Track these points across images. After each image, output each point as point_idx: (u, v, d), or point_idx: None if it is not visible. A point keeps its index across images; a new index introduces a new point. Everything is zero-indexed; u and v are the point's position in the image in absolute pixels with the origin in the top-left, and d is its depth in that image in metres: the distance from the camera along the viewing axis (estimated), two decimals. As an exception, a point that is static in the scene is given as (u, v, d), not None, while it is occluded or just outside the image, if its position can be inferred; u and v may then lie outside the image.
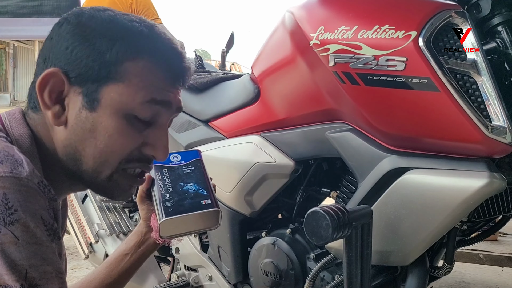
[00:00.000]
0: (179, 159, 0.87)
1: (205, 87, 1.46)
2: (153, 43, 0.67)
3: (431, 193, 0.92)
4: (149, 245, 0.95)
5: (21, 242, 0.52)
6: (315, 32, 1.02)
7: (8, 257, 0.51)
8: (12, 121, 0.66)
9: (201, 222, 0.80)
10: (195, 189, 0.81)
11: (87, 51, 0.64)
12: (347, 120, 1.06)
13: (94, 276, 0.94)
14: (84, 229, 1.58)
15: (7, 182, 0.53)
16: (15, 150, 0.58)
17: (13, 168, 0.54)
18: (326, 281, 1.14)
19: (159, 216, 0.77)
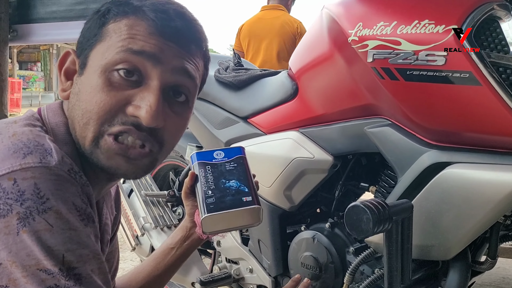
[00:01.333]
0: (222, 156, 0.87)
1: (243, 84, 1.49)
2: (144, 5, 0.66)
3: (473, 188, 0.92)
4: (193, 240, 0.97)
5: (55, 229, 0.54)
6: (353, 28, 1.03)
7: (44, 244, 0.52)
8: (50, 111, 0.69)
9: (242, 218, 0.80)
10: (237, 186, 0.82)
11: (88, 24, 0.68)
12: (386, 115, 1.07)
13: (142, 268, 0.98)
14: (131, 222, 1.65)
15: (37, 172, 0.54)
16: (46, 139, 0.59)
17: (42, 157, 0.56)
18: (366, 274, 1.15)
19: (201, 213, 0.78)
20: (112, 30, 0.65)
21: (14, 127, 0.60)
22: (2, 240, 0.52)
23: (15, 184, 0.53)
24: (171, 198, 1.68)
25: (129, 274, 0.99)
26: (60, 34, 1.32)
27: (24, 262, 0.52)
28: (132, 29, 0.64)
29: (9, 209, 0.52)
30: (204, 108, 1.56)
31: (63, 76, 0.70)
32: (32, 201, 0.53)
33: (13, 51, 14.22)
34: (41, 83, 16.69)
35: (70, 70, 0.70)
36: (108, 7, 0.67)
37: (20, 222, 0.52)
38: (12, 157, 0.55)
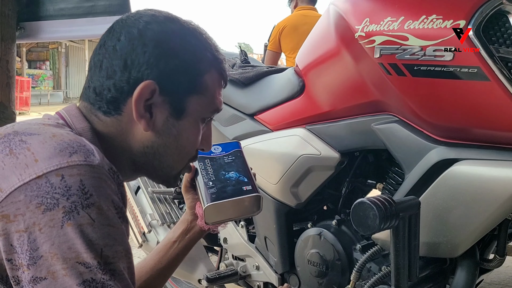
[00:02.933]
0: (220, 150, 0.92)
1: (250, 81, 1.49)
2: (214, 55, 0.75)
3: (481, 184, 0.91)
4: (195, 232, 1.00)
5: (96, 224, 0.56)
6: (360, 24, 1.02)
7: (86, 237, 0.55)
8: (72, 117, 0.72)
9: (243, 207, 0.83)
10: (236, 177, 0.85)
11: (178, 66, 0.71)
12: (393, 112, 1.06)
13: (146, 262, 1.00)
14: (138, 219, 1.66)
15: (82, 170, 0.57)
16: (85, 141, 0.63)
17: (86, 156, 0.59)
18: (372, 272, 1.15)
19: (203, 202, 0.81)
20: (207, 84, 0.74)
21: (49, 128, 0.64)
22: (46, 232, 0.54)
23: (62, 180, 0.56)
24: (178, 195, 1.69)
25: None
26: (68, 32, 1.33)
27: (65, 254, 0.54)
28: (216, 86, 0.76)
29: (55, 203, 0.55)
30: (210, 105, 1.55)
31: (141, 108, 0.70)
32: (78, 196, 0.56)
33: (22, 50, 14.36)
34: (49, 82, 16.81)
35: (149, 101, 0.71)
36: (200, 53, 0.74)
37: (66, 215, 0.55)
38: (59, 155, 0.57)
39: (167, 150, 0.74)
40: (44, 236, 0.54)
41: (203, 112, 0.75)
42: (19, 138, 0.60)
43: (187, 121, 0.74)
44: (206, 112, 0.76)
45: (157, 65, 0.70)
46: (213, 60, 0.75)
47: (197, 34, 0.75)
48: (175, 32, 0.72)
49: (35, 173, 0.56)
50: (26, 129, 0.62)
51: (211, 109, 0.76)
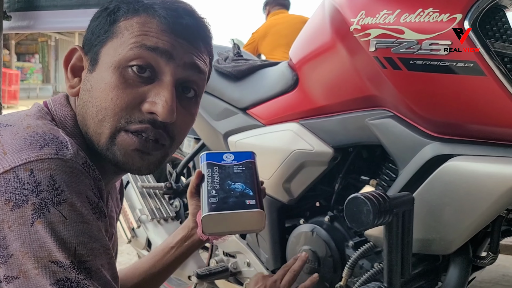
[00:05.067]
0: (232, 158, 0.86)
1: (243, 74, 1.47)
2: (155, 2, 0.68)
3: (475, 180, 0.90)
4: (194, 241, 0.97)
5: (68, 221, 0.54)
6: (355, 17, 1.01)
7: (57, 235, 0.53)
8: (56, 104, 0.70)
9: (244, 222, 0.78)
10: (242, 189, 0.80)
11: (96, 21, 0.69)
12: (388, 107, 1.05)
13: (140, 264, 0.98)
14: (127, 214, 1.63)
15: (53, 164, 0.55)
16: (60, 132, 0.60)
17: (58, 150, 0.56)
18: (365, 268, 1.14)
19: (202, 211, 0.77)
20: (124, 27, 0.66)
21: (27, 119, 0.61)
22: (16, 230, 0.52)
23: (31, 175, 0.53)
24: (168, 190, 1.67)
25: (126, 269, 0.98)
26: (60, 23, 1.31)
27: (37, 253, 0.51)
28: (144, 26, 0.65)
29: (24, 199, 0.52)
30: (202, 99, 1.53)
31: (69, 73, 0.70)
32: (48, 192, 0.53)
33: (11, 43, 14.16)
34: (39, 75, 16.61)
35: (77, 66, 0.70)
36: (117, 5, 0.68)
37: (35, 213, 0.52)
38: (28, 148, 0.55)
39: (87, 110, 0.66)
40: (13, 234, 0.51)
41: (116, 55, 0.65)
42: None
43: (99, 70, 0.66)
44: (119, 53, 0.65)
45: (86, 31, 0.70)
46: (145, 5, 0.67)
47: None
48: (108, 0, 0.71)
49: (3, 167, 0.53)
50: (5, 120, 0.60)
51: (127, 48, 0.64)
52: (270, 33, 3.42)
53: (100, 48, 0.67)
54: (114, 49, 0.65)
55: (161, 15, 0.66)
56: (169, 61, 0.66)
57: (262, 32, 3.48)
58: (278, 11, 3.59)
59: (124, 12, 0.67)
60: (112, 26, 0.67)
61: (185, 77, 0.68)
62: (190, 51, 0.68)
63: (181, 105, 0.69)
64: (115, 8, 0.68)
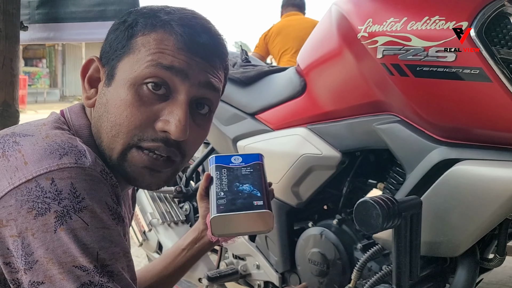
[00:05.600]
0: (240, 161, 0.87)
1: (251, 80, 1.49)
2: (172, 19, 0.67)
3: (482, 184, 0.92)
4: (204, 243, 0.97)
5: (90, 227, 0.55)
6: (363, 24, 1.03)
7: (80, 241, 0.54)
8: (72, 113, 0.71)
9: (252, 223, 0.78)
10: (250, 190, 0.80)
11: (114, 34, 0.69)
12: (395, 112, 1.07)
13: (152, 266, 0.99)
14: (138, 218, 1.66)
15: (73, 172, 0.56)
16: (78, 141, 0.61)
17: (77, 158, 0.58)
18: (373, 271, 1.16)
19: (211, 213, 0.78)
20: (141, 43, 0.66)
21: (45, 129, 0.62)
22: (39, 238, 0.53)
23: (53, 183, 0.55)
24: (178, 194, 1.69)
25: (138, 271, 0.99)
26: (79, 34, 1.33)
27: (61, 259, 0.53)
28: (161, 44, 0.65)
29: (47, 207, 0.54)
30: (211, 104, 1.55)
31: (86, 84, 0.71)
32: (69, 200, 0.55)
33: (18, 48, 14.26)
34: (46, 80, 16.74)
35: (93, 77, 0.71)
36: (136, 19, 0.68)
37: (58, 220, 0.54)
38: (49, 158, 0.56)
39: (102, 124, 0.67)
40: (37, 241, 0.53)
41: (132, 72, 0.65)
42: (13, 139, 0.59)
43: (116, 85, 0.66)
44: (135, 70, 0.64)
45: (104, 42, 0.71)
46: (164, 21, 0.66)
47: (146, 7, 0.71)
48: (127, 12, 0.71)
49: (25, 177, 0.55)
50: (23, 130, 0.62)
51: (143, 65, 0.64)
52: (282, 34, 3.39)
53: (117, 62, 0.67)
54: (130, 66, 0.65)
55: (178, 33, 0.65)
56: (184, 80, 0.65)
57: (275, 31, 3.44)
58: (292, 12, 3.53)
59: (142, 27, 0.67)
60: (130, 41, 0.67)
61: (199, 95, 0.68)
62: (205, 69, 0.68)
63: (194, 122, 0.69)
64: (133, 22, 0.68)
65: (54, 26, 1.31)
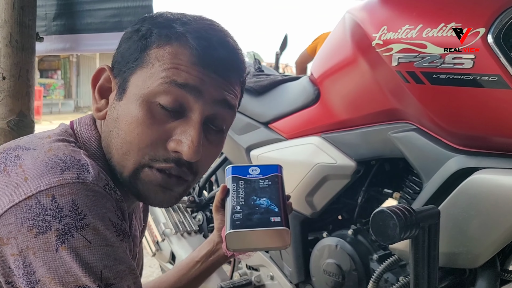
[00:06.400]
0: (257, 172, 0.84)
1: (264, 89, 1.49)
2: (188, 31, 0.64)
3: (502, 193, 0.89)
4: (219, 256, 0.95)
5: (93, 245, 0.53)
6: (377, 32, 1.02)
7: (83, 260, 0.52)
8: (82, 125, 0.69)
9: (268, 239, 0.75)
10: (267, 205, 0.77)
11: (126, 43, 0.66)
12: (411, 120, 1.05)
13: (166, 278, 0.97)
14: (151, 228, 1.66)
15: (74, 188, 0.54)
16: (81, 154, 0.59)
17: (79, 173, 0.56)
18: (390, 282, 1.13)
19: (226, 228, 0.75)
20: (155, 57, 0.63)
21: (48, 141, 0.60)
22: (41, 257, 0.52)
23: (53, 200, 0.53)
24: (191, 203, 1.69)
25: (152, 282, 0.98)
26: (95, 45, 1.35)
27: (63, 278, 0.52)
28: (175, 58, 0.62)
29: (48, 226, 0.52)
30: (224, 113, 1.56)
31: (97, 94, 0.68)
32: (71, 217, 0.53)
33: (34, 60, 14.50)
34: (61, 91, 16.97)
35: (104, 87, 0.68)
36: (150, 29, 0.65)
37: (59, 239, 0.52)
38: (50, 173, 0.55)
39: (112, 139, 0.64)
40: (39, 260, 0.52)
41: (145, 87, 0.62)
42: (16, 153, 0.58)
43: (127, 100, 0.63)
44: (148, 85, 0.62)
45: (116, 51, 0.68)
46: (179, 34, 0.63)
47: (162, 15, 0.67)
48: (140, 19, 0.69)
49: (25, 194, 0.53)
50: (27, 143, 0.60)
51: (157, 82, 0.62)
52: None
53: (129, 75, 0.65)
54: (143, 81, 0.63)
55: (193, 46, 0.62)
56: (198, 98, 0.63)
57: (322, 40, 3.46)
58: None
59: (156, 38, 0.64)
60: (143, 53, 0.64)
61: (213, 113, 0.66)
62: (220, 85, 0.65)
63: (207, 139, 0.66)
64: (147, 32, 0.65)
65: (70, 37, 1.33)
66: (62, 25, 1.32)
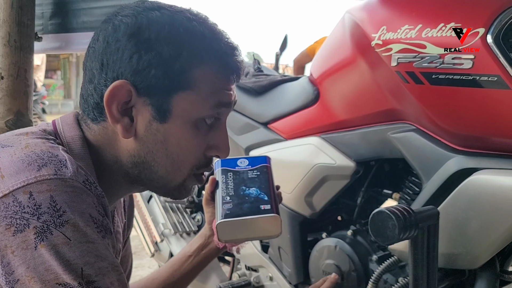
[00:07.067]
0: (246, 163, 0.85)
1: (264, 90, 1.49)
2: (214, 45, 0.66)
3: (501, 194, 0.89)
4: (211, 249, 0.96)
5: (73, 242, 0.52)
6: (376, 32, 1.02)
7: (63, 258, 0.51)
8: (65, 124, 0.68)
9: (260, 228, 0.76)
10: (257, 194, 0.78)
11: (154, 60, 0.62)
12: (410, 120, 1.05)
13: (159, 274, 0.97)
14: (150, 228, 1.66)
15: (52, 184, 0.53)
16: (60, 150, 0.58)
17: (57, 169, 0.55)
18: (389, 283, 1.13)
19: (217, 218, 0.76)
20: (199, 79, 0.64)
21: (25, 138, 0.60)
22: (20, 255, 0.51)
23: (31, 197, 0.52)
24: (190, 204, 1.68)
25: (144, 279, 0.99)
26: None
27: (43, 276, 0.51)
28: (219, 80, 0.67)
29: (26, 223, 0.51)
30: (224, 114, 1.55)
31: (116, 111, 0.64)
32: (49, 214, 0.52)
33: (34, 60, 14.51)
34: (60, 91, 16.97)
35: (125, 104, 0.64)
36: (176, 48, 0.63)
37: (38, 236, 0.51)
38: (26, 170, 0.54)
39: (156, 158, 0.66)
40: (18, 259, 0.51)
41: (195, 112, 0.65)
42: None
43: (174, 123, 0.65)
44: (200, 111, 0.65)
45: (130, 61, 0.62)
46: (210, 50, 0.65)
47: (186, 22, 0.64)
48: (153, 22, 0.63)
49: (1, 192, 0.52)
50: (3, 140, 0.59)
51: (207, 106, 0.65)
52: None
53: (169, 97, 0.64)
54: (190, 104, 0.64)
55: (232, 68, 0.67)
56: (229, 108, 0.70)
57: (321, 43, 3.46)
58: None
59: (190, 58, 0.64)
60: (181, 76, 0.63)
61: None
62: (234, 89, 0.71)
63: None
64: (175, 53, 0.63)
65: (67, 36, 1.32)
66: (59, 24, 1.32)
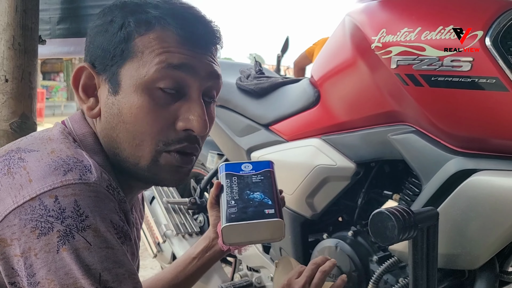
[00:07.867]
0: (250, 168, 0.87)
1: (265, 92, 1.50)
2: (164, 13, 0.65)
3: (500, 195, 0.90)
4: (215, 252, 0.97)
5: (93, 247, 0.54)
6: (376, 35, 1.03)
7: (82, 262, 0.53)
8: (74, 122, 0.69)
9: (263, 232, 0.77)
10: (261, 198, 0.80)
11: (104, 36, 0.65)
12: (410, 122, 1.06)
13: (163, 275, 0.98)
14: (153, 229, 1.67)
15: (77, 189, 0.55)
16: (84, 155, 0.60)
17: (82, 174, 0.56)
18: (390, 283, 1.14)
19: (222, 222, 0.77)
20: (142, 45, 0.64)
21: (50, 143, 0.61)
22: (42, 258, 0.52)
23: (56, 201, 0.54)
24: (193, 205, 1.69)
25: (148, 281, 0.99)
26: None
27: (63, 280, 0.52)
28: (163, 42, 0.64)
29: (50, 227, 0.53)
30: (225, 115, 1.57)
31: (82, 93, 0.68)
32: (72, 218, 0.53)
33: (37, 62, 14.55)
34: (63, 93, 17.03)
35: (88, 85, 0.68)
36: (125, 18, 0.65)
37: (60, 240, 0.53)
38: (53, 174, 0.55)
39: (119, 134, 0.65)
40: (40, 261, 0.52)
41: (140, 76, 0.63)
42: (19, 155, 0.58)
43: (124, 93, 0.64)
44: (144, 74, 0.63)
45: (89, 46, 0.67)
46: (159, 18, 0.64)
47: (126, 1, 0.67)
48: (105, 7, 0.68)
49: (29, 195, 0.54)
50: (29, 144, 0.61)
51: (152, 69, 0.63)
52: None
53: (118, 69, 0.65)
54: (136, 71, 0.64)
55: (177, 27, 0.64)
56: (194, 76, 0.66)
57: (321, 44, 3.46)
58: None
59: (136, 26, 0.64)
60: (127, 44, 0.64)
61: (208, 87, 0.69)
62: (208, 60, 0.68)
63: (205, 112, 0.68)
64: (124, 23, 0.65)
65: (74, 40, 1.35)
66: (66, 29, 1.34)
